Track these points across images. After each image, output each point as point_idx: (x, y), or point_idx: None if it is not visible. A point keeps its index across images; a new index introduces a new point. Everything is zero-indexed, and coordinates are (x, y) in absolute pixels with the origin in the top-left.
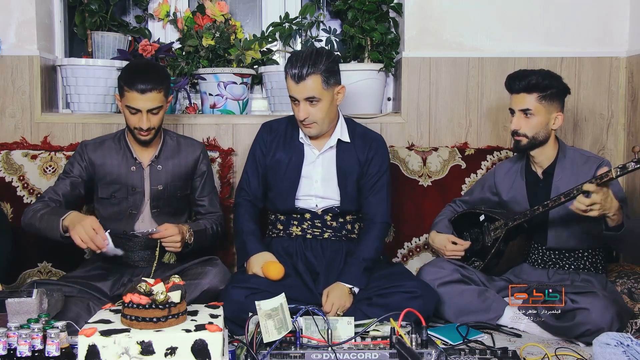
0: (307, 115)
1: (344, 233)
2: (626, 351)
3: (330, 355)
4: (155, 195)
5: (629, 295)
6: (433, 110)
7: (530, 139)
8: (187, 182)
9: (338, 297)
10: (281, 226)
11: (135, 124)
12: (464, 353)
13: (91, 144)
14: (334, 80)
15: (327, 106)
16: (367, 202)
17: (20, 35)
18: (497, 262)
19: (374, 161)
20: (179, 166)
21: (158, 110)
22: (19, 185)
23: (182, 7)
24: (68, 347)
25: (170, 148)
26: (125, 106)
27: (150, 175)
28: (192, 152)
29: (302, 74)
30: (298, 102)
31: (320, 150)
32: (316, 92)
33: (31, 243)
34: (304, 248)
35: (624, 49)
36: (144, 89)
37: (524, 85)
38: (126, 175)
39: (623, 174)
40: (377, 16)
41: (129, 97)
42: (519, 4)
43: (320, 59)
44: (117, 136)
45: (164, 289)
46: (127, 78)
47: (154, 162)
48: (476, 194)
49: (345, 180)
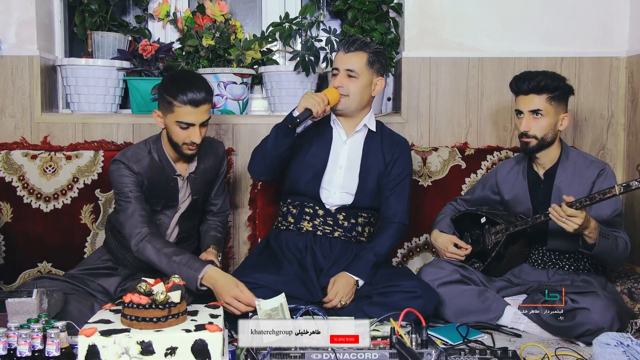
0: (341, 84)
1: (354, 234)
2: (626, 351)
3: (330, 355)
4: (192, 204)
5: (629, 295)
6: (433, 110)
7: (540, 140)
8: (213, 185)
9: (343, 287)
10: (292, 219)
11: (186, 138)
12: (464, 353)
13: (130, 157)
14: (378, 66)
15: (362, 86)
16: (387, 203)
17: (20, 35)
18: (497, 264)
19: (398, 162)
20: (210, 172)
21: (207, 122)
22: (18, 185)
23: (182, 7)
24: (68, 347)
25: (202, 156)
26: (175, 122)
27: (191, 186)
28: (217, 152)
29: (352, 46)
30: (338, 72)
31: (348, 134)
32: (357, 67)
33: (30, 243)
34: (313, 244)
35: (624, 49)
36: (198, 102)
37: (534, 86)
38: (166, 188)
39: (626, 192)
40: (377, 16)
41: (181, 112)
42: (519, 4)
43: (372, 44)
44: (154, 149)
45: (164, 289)
46: (178, 91)
47: (191, 173)
48: (477, 193)
49: (366, 172)
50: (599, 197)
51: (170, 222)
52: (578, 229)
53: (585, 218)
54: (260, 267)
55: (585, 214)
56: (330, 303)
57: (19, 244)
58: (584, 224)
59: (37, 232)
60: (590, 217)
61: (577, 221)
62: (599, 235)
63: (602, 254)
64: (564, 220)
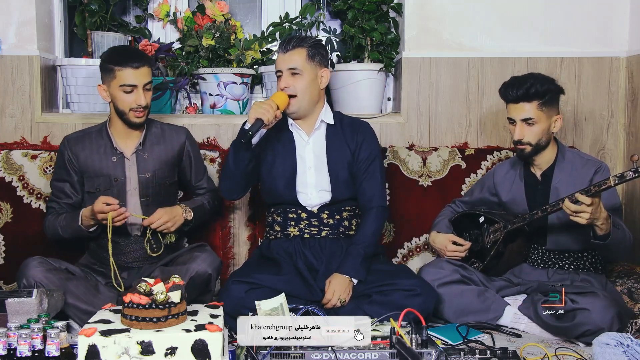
0: (287, 85)
1: (341, 230)
2: (626, 351)
3: (330, 355)
4: (144, 184)
5: (629, 295)
6: (433, 110)
7: (534, 146)
8: (174, 169)
9: (339, 285)
10: (278, 227)
11: (132, 103)
12: (464, 353)
13: (73, 139)
14: (319, 59)
15: (309, 82)
16: (361, 189)
17: (20, 35)
18: (496, 263)
19: (363, 146)
20: (165, 152)
21: (150, 86)
22: (18, 185)
23: (182, 7)
24: (68, 347)
25: (155, 135)
26: (119, 87)
27: (138, 164)
28: (177, 137)
29: (290, 45)
30: (282, 74)
31: (308, 134)
32: (299, 64)
33: (30, 243)
34: (303, 247)
35: (624, 49)
36: (138, 65)
37: (523, 94)
38: (107, 166)
39: (621, 183)
40: (377, 16)
41: (123, 75)
42: (519, 4)
43: (308, 38)
44: (98, 128)
45: (164, 289)
46: (117, 58)
47: (139, 150)
48: (476, 195)
49: (335, 166)
50: (594, 189)
51: (128, 205)
52: (589, 219)
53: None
54: (260, 268)
55: (593, 201)
56: (330, 303)
57: (19, 244)
58: (596, 214)
59: (37, 232)
60: (602, 208)
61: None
62: (612, 225)
63: (614, 244)
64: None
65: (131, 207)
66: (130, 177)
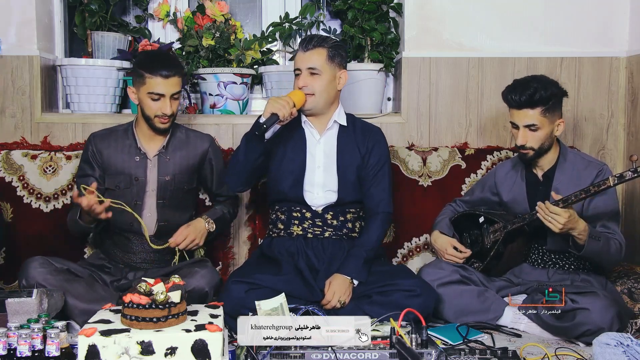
0: (305, 84)
1: (344, 232)
2: (626, 351)
3: (330, 355)
4: (163, 186)
5: (629, 295)
6: (433, 110)
7: (537, 150)
8: (194, 175)
9: (339, 286)
10: (282, 225)
11: (158, 110)
12: (464, 353)
13: (99, 135)
14: (339, 60)
15: (327, 82)
16: (369, 193)
17: (20, 35)
18: (496, 264)
19: (374, 151)
20: (187, 158)
21: (178, 96)
22: (19, 185)
23: (182, 7)
24: (68, 347)
25: (179, 140)
26: (147, 93)
27: (158, 166)
28: (201, 144)
29: (310, 44)
30: (300, 72)
31: (321, 133)
32: (319, 65)
33: (30, 243)
34: (305, 247)
35: (624, 49)
36: (167, 74)
37: (526, 100)
38: (129, 165)
39: (620, 183)
40: (377, 16)
41: (152, 83)
42: (519, 4)
43: (329, 39)
44: (124, 127)
45: (164, 289)
46: (149, 64)
47: (162, 153)
48: (477, 194)
49: (345, 167)
50: (594, 190)
51: (144, 205)
52: (563, 229)
53: (569, 218)
54: (261, 268)
55: (570, 213)
56: (329, 304)
57: (19, 244)
58: (569, 225)
59: (37, 232)
60: (578, 218)
61: (560, 220)
62: (589, 237)
63: (591, 256)
64: (548, 218)
65: (147, 208)
66: (150, 178)
